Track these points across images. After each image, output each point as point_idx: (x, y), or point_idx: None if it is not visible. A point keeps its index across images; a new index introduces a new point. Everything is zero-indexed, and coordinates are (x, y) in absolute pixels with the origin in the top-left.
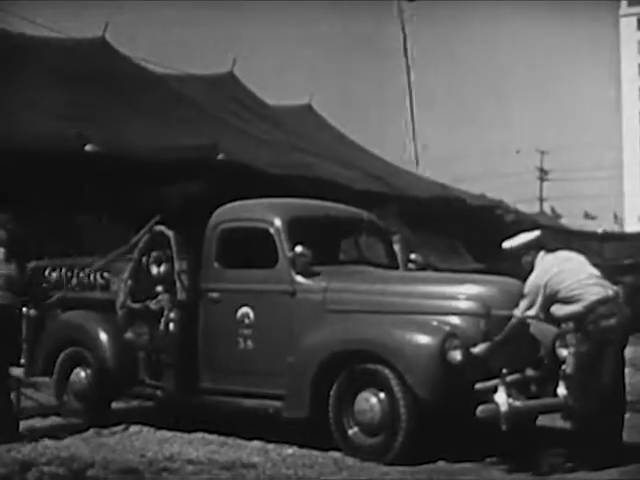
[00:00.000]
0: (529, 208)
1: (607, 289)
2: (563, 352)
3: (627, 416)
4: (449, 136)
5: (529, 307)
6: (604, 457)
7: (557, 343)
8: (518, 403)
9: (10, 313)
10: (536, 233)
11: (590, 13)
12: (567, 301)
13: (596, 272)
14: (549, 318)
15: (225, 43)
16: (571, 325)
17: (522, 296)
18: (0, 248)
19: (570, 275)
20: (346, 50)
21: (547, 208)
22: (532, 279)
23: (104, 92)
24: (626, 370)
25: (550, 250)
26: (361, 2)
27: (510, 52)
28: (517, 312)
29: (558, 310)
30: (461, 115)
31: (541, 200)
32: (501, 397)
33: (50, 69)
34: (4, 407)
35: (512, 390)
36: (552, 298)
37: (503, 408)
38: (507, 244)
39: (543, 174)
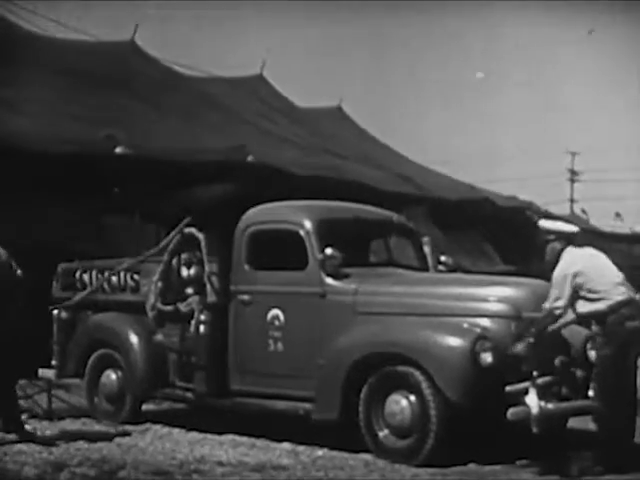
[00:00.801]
0: (560, 210)
1: (629, 291)
2: (594, 354)
3: None
4: (478, 137)
5: (558, 298)
6: (626, 459)
7: (588, 345)
8: (549, 406)
9: None
10: (574, 227)
11: (616, 14)
12: (592, 298)
13: (620, 273)
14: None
15: (255, 44)
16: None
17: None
18: None
19: (597, 271)
20: (379, 52)
21: (578, 210)
22: (559, 269)
23: (134, 95)
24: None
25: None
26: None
27: (537, 52)
28: (546, 304)
29: (582, 307)
30: (490, 115)
31: (572, 201)
32: (532, 399)
33: (80, 72)
34: (11, 409)
35: (543, 392)
36: (579, 289)
37: (534, 410)
38: (544, 223)
39: (574, 175)
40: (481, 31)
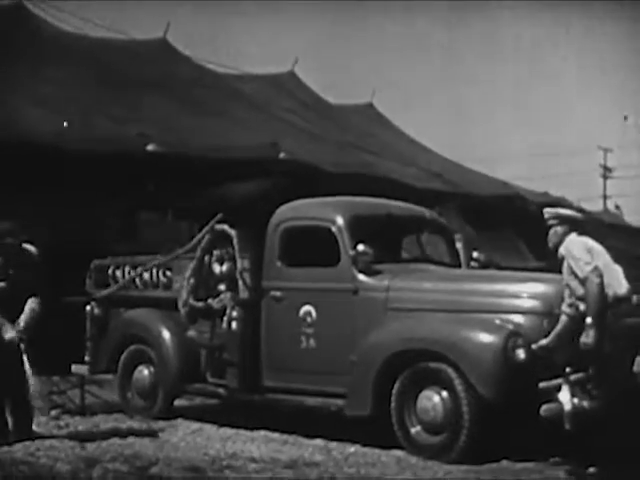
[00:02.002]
0: (593, 206)
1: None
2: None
3: None
4: (511, 133)
5: (587, 262)
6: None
7: (582, 340)
8: (583, 402)
9: None
10: (578, 214)
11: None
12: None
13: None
14: None
15: (289, 43)
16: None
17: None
18: None
19: (606, 262)
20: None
21: (611, 206)
22: (578, 245)
23: (166, 92)
24: None
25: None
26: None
27: (568, 47)
28: (581, 272)
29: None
30: (523, 112)
31: (605, 198)
32: (565, 396)
33: (112, 70)
34: (21, 406)
35: (576, 389)
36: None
37: (567, 407)
38: (548, 209)
39: (607, 171)
40: (515, 28)
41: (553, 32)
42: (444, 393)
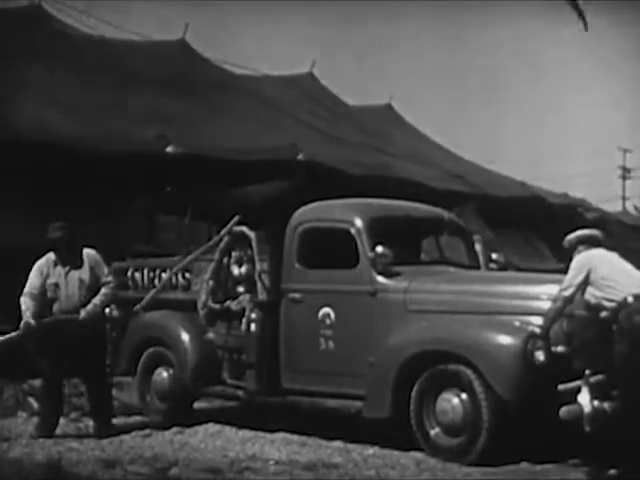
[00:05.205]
0: (612, 207)
1: None
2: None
3: None
4: (530, 134)
5: (569, 286)
6: None
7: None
8: (603, 404)
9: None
10: (593, 230)
11: None
12: (602, 288)
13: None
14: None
15: (304, 43)
16: None
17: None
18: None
19: (612, 267)
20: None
21: (630, 207)
22: (576, 261)
23: (184, 94)
24: None
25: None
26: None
27: (590, 48)
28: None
29: (592, 298)
30: (542, 112)
31: (624, 199)
32: (584, 398)
33: (131, 72)
34: (53, 406)
35: (596, 391)
36: (592, 283)
37: (586, 409)
38: (567, 237)
39: (626, 172)
40: (533, 30)
41: (576, 33)
42: (463, 395)
